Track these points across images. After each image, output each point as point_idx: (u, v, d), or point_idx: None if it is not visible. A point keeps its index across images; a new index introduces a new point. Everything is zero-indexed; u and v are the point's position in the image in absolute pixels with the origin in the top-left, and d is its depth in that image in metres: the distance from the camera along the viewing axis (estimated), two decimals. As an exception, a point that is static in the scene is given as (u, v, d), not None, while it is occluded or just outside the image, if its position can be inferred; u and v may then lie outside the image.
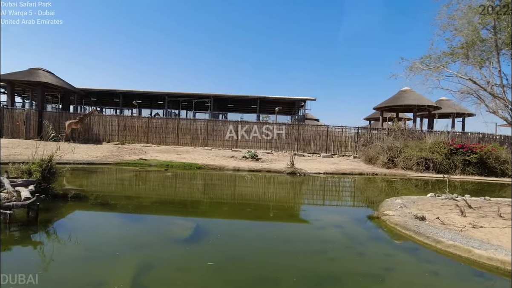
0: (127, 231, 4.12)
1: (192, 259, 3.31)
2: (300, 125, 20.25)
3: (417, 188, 10.70)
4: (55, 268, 2.90)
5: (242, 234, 4.37)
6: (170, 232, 4.05)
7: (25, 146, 15.85)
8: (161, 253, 3.43)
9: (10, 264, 2.97)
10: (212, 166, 13.60)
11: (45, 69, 20.62)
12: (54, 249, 3.41)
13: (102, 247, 3.60)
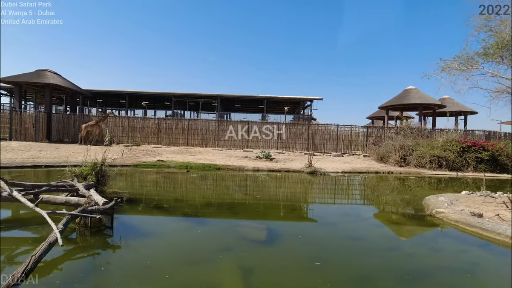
0: (202, 235, 4.15)
1: (285, 260, 3.37)
2: (310, 125, 20.38)
3: (440, 185, 10.90)
4: (161, 273, 2.94)
5: (315, 234, 4.45)
6: (246, 234, 4.10)
7: (38, 148, 15.67)
8: (250, 254, 3.48)
9: (116, 269, 3.00)
10: (231, 166, 13.65)
11: (52, 70, 20.42)
12: (147, 253, 3.44)
13: (188, 250, 3.64)
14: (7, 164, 10.66)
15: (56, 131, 19.69)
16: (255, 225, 4.50)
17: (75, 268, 3.00)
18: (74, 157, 14.02)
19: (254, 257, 3.39)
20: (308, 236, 4.25)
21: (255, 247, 3.71)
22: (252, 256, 3.43)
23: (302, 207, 6.68)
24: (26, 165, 10.80)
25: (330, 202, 7.31)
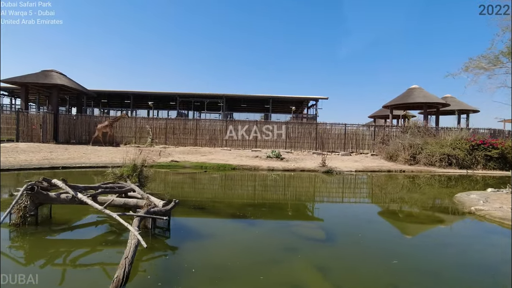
0: (260, 235, 4.17)
1: (357, 258, 3.43)
2: (318, 124, 20.48)
3: (458, 183, 11.06)
4: (246, 273, 2.97)
5: (371, 232, 4.51)
6: (304, 233, 4.14)
7: (48, 150, 15.53)
8: (319, 253, 3.53)
9: (201, 270, 3.00)
10: (246, 166, 13.69)
11: (58, 71, 20.22)
12: (218, 254, 3.46)
13: (255, 251, 3.67)
14: (24, 165, 10.57)
15: (62, 132, 19.53)
16: (307, 225, 4.55)
17: (157, 269, 3.02)
18: (87, 158, 13.95)
19: (325, 256, 3.43)
20: (366, 235, 4.30)
21: (320, 246, 3.76)
22: (321, 255, 3.47)
23: (341, 206, 6.73)
24: (44, 167, 10.71)
25: (366, 201, 7.37)
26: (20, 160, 11.92)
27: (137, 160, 6.61)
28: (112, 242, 3.72)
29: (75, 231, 4.17)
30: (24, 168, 10.20)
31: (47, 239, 3.74)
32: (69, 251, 3.41)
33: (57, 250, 3.45)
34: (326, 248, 3.72)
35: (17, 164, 10.59)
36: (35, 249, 3.40)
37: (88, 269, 3.01)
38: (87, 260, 3.21)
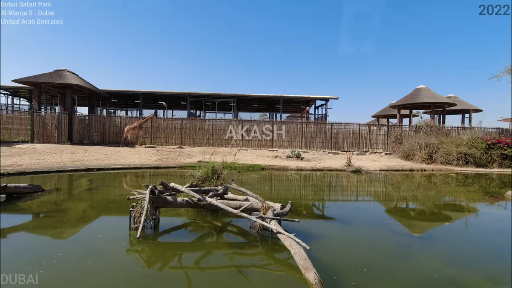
0: (366, 235, 4.32)
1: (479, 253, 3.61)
2: (333, 124, 20.72)
3: (492, 181, 11.43)
4: (387, 270, 3.09)
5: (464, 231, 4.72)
6: (402, 231, 4.30)
7: (68, 151, 15.29)
8: (440, 250, 3.71)
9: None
10: (275, 166, 13.82)
11: (70, 70, 19.90)
12: (348, 252, 3.58)
13: (378, 248, 3.80)
14: (59, 168, 10.43)
15: (76, 132, 19.25)
16: (398, 223, 4.72)
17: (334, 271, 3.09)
18: (114, 159, 13.79)
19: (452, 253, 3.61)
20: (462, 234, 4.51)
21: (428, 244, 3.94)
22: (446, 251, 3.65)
23: (414, 205, 6.90)
24: (80, 169, 10.60)
25: (427, 199, 7.55)
26: (50, 162, 11.74)
27: (167, 160, 6.60)
28: (218, 244, 3.75)
29: (174, 234, 4.14)
30: (62, 170, 10.06)
31: (168, 242, 3.78)
32: (192, 254, 3.46)
33: (184, 252, 3.50)
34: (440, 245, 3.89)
35: (54, 167, 10.44)
36: (165, 252, 3.43)
37: (226, 272, 3.03)
38: (216, 262, 3.26)
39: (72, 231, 4.07)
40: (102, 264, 3.08)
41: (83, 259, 3.16)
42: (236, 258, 3.33)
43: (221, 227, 4.34)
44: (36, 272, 2.73)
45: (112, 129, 19.82)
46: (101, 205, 5.67)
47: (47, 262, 3.00)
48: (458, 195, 8.23)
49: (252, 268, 3.08)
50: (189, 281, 2.76)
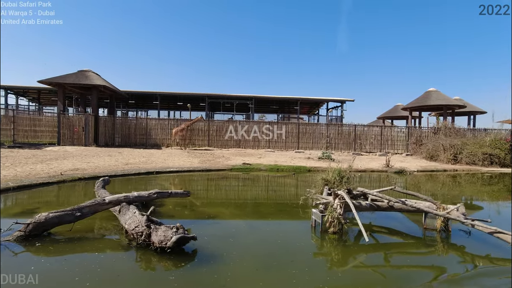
0: None
1: None
2: (356, 126, 21.19)
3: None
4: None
5: None
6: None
7: (104, 154, 15.00)
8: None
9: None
10: (319, 168, 13.99)
11: (93, 71, 19.49)
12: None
13: None
14: (123, 171, 10.24)
15: (102, 134, 18.87)
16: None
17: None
18: (161, 162, 13.60)
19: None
20: None
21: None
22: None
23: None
24: (142, 172, 10.45)
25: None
26: (102, 165, 11.51)
27: (211, 163, 6.71)
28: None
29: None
30: (126, 174, 9.92)
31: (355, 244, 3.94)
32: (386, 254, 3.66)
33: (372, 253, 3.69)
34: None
35: (114, 170, 10.27)
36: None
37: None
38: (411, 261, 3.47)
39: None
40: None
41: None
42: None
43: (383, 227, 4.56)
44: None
45: (138, 131, 19.54)
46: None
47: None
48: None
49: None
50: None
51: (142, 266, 3.00)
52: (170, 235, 3.14)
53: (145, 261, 3.09)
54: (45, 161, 11.33)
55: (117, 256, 3.26)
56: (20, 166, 9.57)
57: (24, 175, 8.18)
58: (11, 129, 15.84)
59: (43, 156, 12.84)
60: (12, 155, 12.33)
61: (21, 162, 10.54)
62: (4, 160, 10.87)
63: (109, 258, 3.19)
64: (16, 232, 3.38)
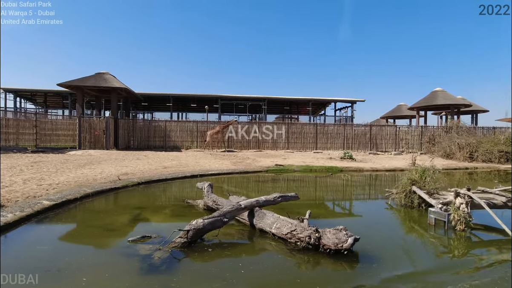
0: None
1: None
2: (372, 126, 21.56)
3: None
4: None
5: None
6: None
7: (131, 157, 14.84)
8: None
9: None
10: (351, 168, 14.24)
11: (110, 73, 19.22)
12: None
13: None
14: (169, 175, 10.18)
15: (122, 137, 18.64)
16: None
17: None
18: (192, 164, 13.52)
19: None
20: None
21: None
22: None
23: None
24: (187, 175, 10.40)
25: None
26: (141, 169, 11.37)
27: (241, 165, 6.84)
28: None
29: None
30: (175, 177, 9.86)
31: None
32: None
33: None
34: None
35: (158, 174, 10.19)
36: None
37: None
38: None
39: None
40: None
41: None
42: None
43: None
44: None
45: (157, 133, 19.38)
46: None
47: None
48: None
49: None
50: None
51: (327, 269, 3.06)
52: (343, 237, 3.22)
53: (327, 264, 3.15)
54: (82, 166, 11.13)
55: (286, 259, 3.30)
56: (67, 172, 9.39)
57: (82, 180, 8.06)
58: (33, 134, 15.46)
59: (75, 161, 12.62)
60: (46, 161, 12.09)
61: (62, 168, 10.34)
62: (43, 165, 10.66)
63: (281, 262, 3.24)
64: (178, 239, 3.39)
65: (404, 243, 4.12)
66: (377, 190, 9.49)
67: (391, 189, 6.49)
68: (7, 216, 4.18)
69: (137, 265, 2.93)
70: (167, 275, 2.77)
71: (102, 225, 4.55)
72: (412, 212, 5.56)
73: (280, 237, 3.68)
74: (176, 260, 3.10)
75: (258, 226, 3.97)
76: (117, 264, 3.06)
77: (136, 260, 3.04)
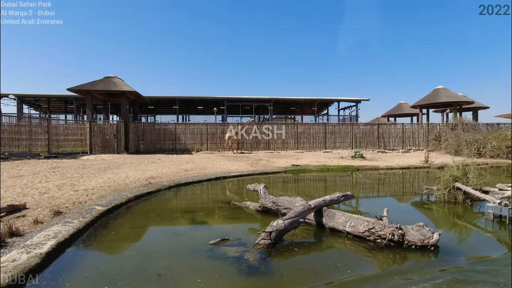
0: None
1: None
2: (380, 125, 21.77)
3: None
4: None
5: None
6: None
7: (148, 161, 14.75)
8: None
9: None
10: (366, 166, 14.35)
11: (118, 76, 19.11)
12: None
13: None
14: (193, 179, 10.15)
15: (132, 141, 18.53)
16: None
17: None
18: (212, 167, 13.48)
19: None
20: None
21: None
22: None
23: None
24: (211, 178, 10.39)
25: None
26: (163, 173, 11.33)
27: (257, 166, 6.91)
28: None
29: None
30: (200, 180, 9.83)
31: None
32: None
33: None
34: None
35: (184, 177, 10.17)
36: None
37: None
38: None
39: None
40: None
41: None
42: None
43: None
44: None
45: (167, 137, 19.31)
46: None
47: None
48: None
49: None
50: None
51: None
52: (427, 233, 3.29)
53: (415, 257, 3.21)
54: (103, 170, 11.05)
55: (380, 254, 3.34)
56: (93, 178, 9.31)
57: (114, 185, 8.01)
58: (45, 139, 15.28)
59: (93, 166, 12.52)
60: (64, 166, 11.98)
61: (85, 173, 10.25)
62: (63, 171, 10.57)
63: (379, 257, 3.26)
64: (262, 241, 3.42)
65: (469, 236, 4.21)
66: (406, 187, 9.61)
67: (430, 186, 6.58)
68: (73, 222, 4.15)
69: (235, 267, 2.95)
70: (271, 275, 2.80)
71: (165, 229, 4.56)
72: (458, 208, 5.65)
73: (356, 235, 3.72)
74: (270, 260, 3.13)
75: (329, 225, 4.02)
76: (215, 266, 3.07)
77: (231, 262, 3.06)
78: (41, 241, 3.30)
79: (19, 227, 3.75)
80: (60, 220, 4.28)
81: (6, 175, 9.40)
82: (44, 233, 3.62)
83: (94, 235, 4.04)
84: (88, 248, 3.61)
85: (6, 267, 2.63)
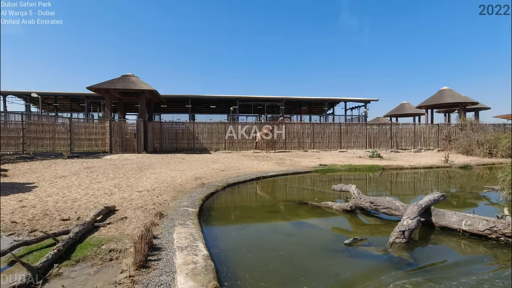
0: None
1: None
2: (392, 124, 22.17)
3: None
4: None
5: None
6: None
7: (175, 160, 14.68)
8: None
9: None
10: (391, 166, 14.62)
11: (134, 75, 18.92)
12: None
13: None
14: (239, 179, 10.18)
15: (151, 140, 18.40)
16: None
17: None
18: (239, 167, 13.50)
19: None
20: None
21: None
22: None
23: None
24: (253, 178, 10.44)
25: None
26: (201, 172, 11.32)
27: (283, 166, 7.10)
28: None
29: None
30: (247, 180, 9.87)
31: None
32: None
33: None
34: None
35: (233, 177, 10.19)
36: None
37: None
38: None
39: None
40: None
41: None
42: None
43: None
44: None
45: (185, 136, 19.24)
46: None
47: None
48: None
49: None
50: None
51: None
52: (557, 232, 3.45)
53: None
54: (139, 170, 10.98)
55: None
56: (140, 179, 9.24)
57: (171, 186, 8.00)
58: (68, 139, 15.03)
59: (124, 166, 12.41)
60: (95, 166, 11.85)
61: (125, 173, 10.16)
62: (99, 171, 10.47)
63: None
64: (397, 239, 3.55)
65: None
66: (457, 187, 9.72)
67: (491, 185, 6.81)
68: (186, 223, 4.19)
69: (392, 265, 3.07)
70: (430, 270, 2.94)
71: (271, 229, 4.63)
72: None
73: (473, 233, 3.88)
74: (419, 257, 3.27)
75: (440, 224, 4.17)
76: (370, 264, 3.18)
77: (383, 260, 3.18)
78: (190, 244, 3.34)
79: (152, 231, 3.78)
80: (170, 222, 4.30)
81: (47, 175, 9.26)
82: (176, 235, 3.66)
83: (216, 236, 4.10)
84: (226, 250, 3.62)
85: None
